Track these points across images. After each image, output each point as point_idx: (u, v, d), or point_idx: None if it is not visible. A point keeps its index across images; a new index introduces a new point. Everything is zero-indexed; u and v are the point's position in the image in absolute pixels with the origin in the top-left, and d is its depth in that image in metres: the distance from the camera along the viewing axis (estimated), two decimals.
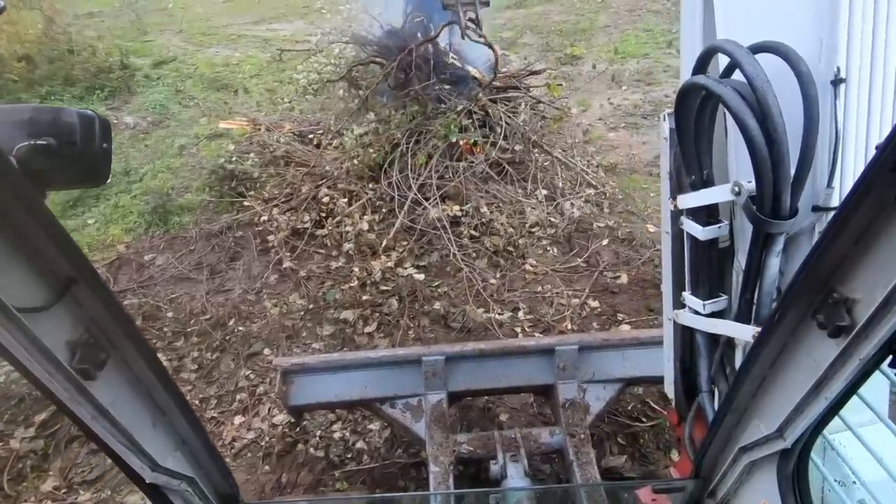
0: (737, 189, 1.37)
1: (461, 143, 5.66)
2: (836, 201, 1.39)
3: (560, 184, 5.60)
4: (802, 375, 1.10)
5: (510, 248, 5.01)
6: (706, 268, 1.65)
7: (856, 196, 0.85)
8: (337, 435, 3.57)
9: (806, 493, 1.29)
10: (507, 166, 5.73)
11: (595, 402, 2.91)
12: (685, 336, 1.85)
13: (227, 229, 5.42)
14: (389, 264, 4.78)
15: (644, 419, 3.46)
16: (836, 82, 1.30)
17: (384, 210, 5.34)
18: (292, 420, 3.55)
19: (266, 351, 4.19)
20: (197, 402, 3.84)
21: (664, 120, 1.67)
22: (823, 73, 1.31)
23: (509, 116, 6.04)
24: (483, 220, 5.22)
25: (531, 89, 6.75)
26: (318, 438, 3.55)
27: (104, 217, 5.85)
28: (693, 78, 1.44)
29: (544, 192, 5.51)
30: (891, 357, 0.93)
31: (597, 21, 11.05)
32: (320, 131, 6.76)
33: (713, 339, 1.70)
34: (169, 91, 9.00)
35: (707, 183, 1.55)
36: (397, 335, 4.24)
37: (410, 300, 4.50)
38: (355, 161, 5.54)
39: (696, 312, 1.68)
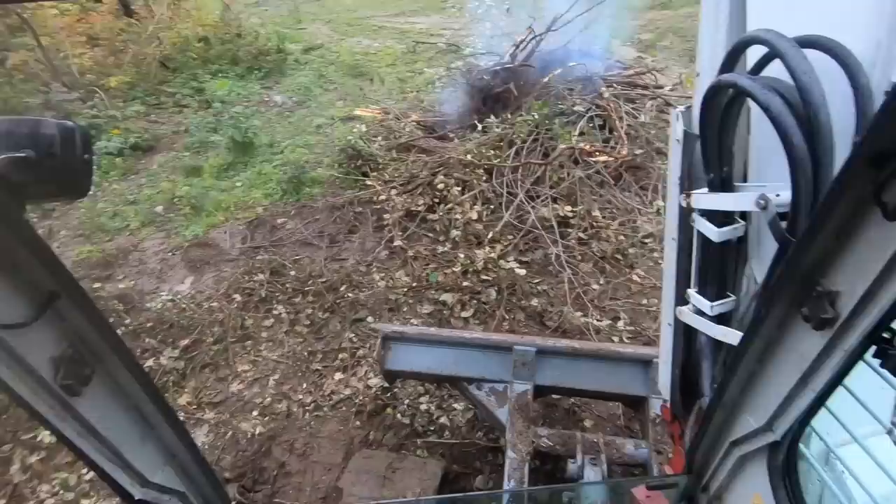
0: (763, 203, 1.24)
1: (580, 145, 5.58)
2: None
3: None
4: (789, 368, 1.11)
5: (618, 256, 4.86)
6: (717, 269, 1.56)
7: (835, 190, 0.86)
8: (423, 407, 3.77)
9: (796, 485, 1.29)
10: (624, 173, 5.54)
11: None
12: (686, 336, 1.78)
13: (349, 204, 5.88)
14: (493, 255, 4.88)
15: None
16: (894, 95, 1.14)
17: (495, 203, 5.45)
18: (385, 385, 3.81)
19: (370, 319, 4.52)
20: (306, 353, 4.27)
21: (677, 119, 1.55)
22: (878, 83, 1.14)
23: (632, 117, 5.83)
24: (593, 224, 5.11)
25: (658, 91, 6.44)
26: (405, 406, 3.78)
27: (249, 182, 6.63)
28: (726, 77, 1.30)
29: (663, 203, 5.25)
30: (874, 348, 0.95)
31: None
32: (443, 122, 7.06)
33: (717, 341, 1.63)
34: (314, 75, 9.89)
35: (726, 182, 1.44)
36: (492, 324, 4.34)
37: (509, 293, 4.57)
38: (470, 157, 5.71)
39: (701, 313, 1.61)
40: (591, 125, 5.92)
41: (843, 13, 1.18)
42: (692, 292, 1.63)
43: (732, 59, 1.33)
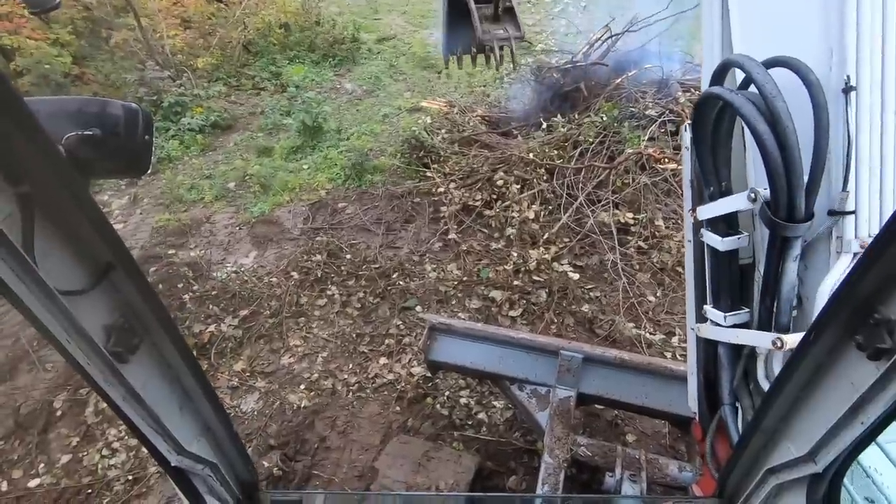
0: (753, 196, 1.40)
1: (649, 150, 5.37)
2: (851, 205, 1.40)
3: None
4: (838, 398, 1.06)
5: (679, 269, 4.65)
6: (727, 279, 1.66)
7: None
8: (463, 401, 3.79)
9: None
10: None
11: None
12: (708, 350, 1.83)
13: (408, 194, 5.97)
14: (547, 257, 4.80)
15: None
16: (847, 90, 1.36)
17: (553, 204, 5.35)
18: (427, 374, 3.86)
19: (418, 308, 4.59)
20: (354, 335, 4.40)
21: (685, 130, 1.69)
22: (835, 83, 1.38)
23: None
24: (656, 233, 4.92)
25: None
26: (445, 398, 3.82)
27: (315, 165, 6.88)
28: (708, 89, 1.49)
29: None
30: None
31: None
32: (508, 119, 7.00)
33: (736, 351, 1.69)
34: (384, 65, 10.07)
35: (725, 194, 1.59)
36: (539, 326, 4.29)
37: (560, 296, 4.49)
38: (532, 155, 5.64)
39: (718, 324, 1.67)
40: (662, 131, 5.68)
41: (803, 31, 1.44)
42: (708, 307, 1.72)
43: (716, 79, 1.52)
